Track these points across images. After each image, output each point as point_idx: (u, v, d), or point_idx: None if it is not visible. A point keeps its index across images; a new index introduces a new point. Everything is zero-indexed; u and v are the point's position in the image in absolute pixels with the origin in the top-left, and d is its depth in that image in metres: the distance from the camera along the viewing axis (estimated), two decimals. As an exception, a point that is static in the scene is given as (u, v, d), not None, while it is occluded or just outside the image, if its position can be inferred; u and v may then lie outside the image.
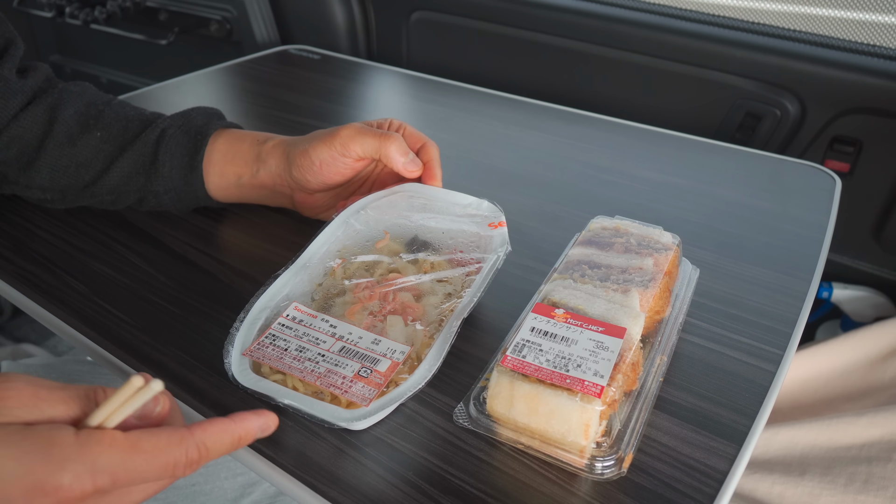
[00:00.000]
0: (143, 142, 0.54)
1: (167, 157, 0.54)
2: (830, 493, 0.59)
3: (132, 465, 0.27)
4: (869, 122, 0.83)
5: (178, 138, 0.54)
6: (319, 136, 0.52)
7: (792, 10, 0.89)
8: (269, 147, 0.54)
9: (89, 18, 1.33)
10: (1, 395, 0.26)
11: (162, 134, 0.54)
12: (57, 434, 0.26)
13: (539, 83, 1.05)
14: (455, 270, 0.48)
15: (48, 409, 0.27)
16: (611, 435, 0.36)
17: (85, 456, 0.26)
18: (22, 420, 0.26)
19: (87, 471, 0.26)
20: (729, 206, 0.64)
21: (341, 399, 0.39)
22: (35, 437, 0.25)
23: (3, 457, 0.25)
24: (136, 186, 0.55)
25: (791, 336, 0.47)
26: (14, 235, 0.58)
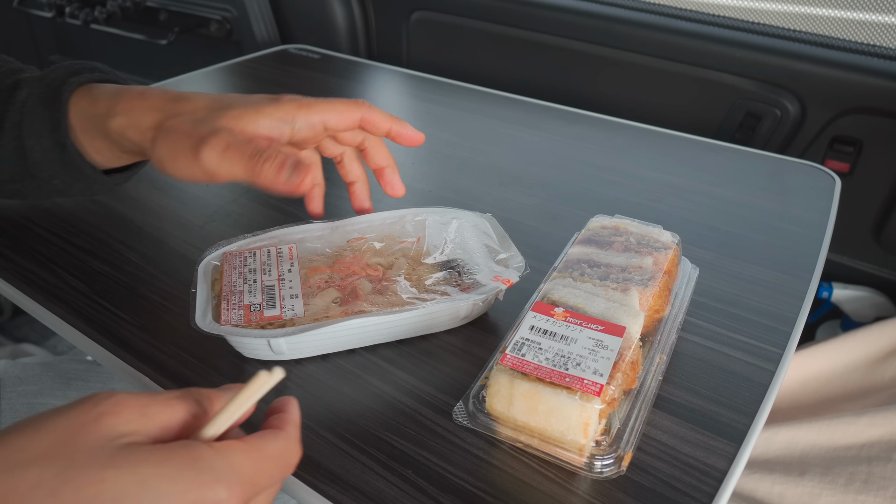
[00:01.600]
0: (10, 124, 0.47)
1: (34, 140, 0.46)
2: (830, 493, 0.59)
3: (265, 470, 0.27)
4: (869, 122, 0.83)
5: (38, 110, 0.46)
6: (180, 152, 0.41)
7: (792, 10, 0.89)
8: (114, 125, 0.44)
9: (89, 18, 1.33)
10: (111, 412, 0.25)
11: (22, 109, 0.46)
12: (196, 449, 0.25)
13: (539, 83, 1.05)
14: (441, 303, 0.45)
15: (157, 416, 0.26)
16: (610, 433, 0.36)
17: (232, 468, 0.25)
18: (139, 433, 0.26)
19: (238, 482, 0.25)
20: (729, 206, 0.64)
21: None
22: (178, 454, 0.25)
23: (155, 477, 0.24)
24: (24, 176, 0.48)
25: (791, 335, 0.47)
26: (13, 234, 0.58)
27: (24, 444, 0.24)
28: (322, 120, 0.43)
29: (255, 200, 0.64)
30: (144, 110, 0.44)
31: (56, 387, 0.61)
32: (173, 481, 0.24)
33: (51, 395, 0.60)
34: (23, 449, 0.24)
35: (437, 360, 0.45)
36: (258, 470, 0.26)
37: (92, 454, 0.24)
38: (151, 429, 0.26)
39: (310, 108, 0.42)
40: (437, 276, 0.47)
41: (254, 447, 0.27)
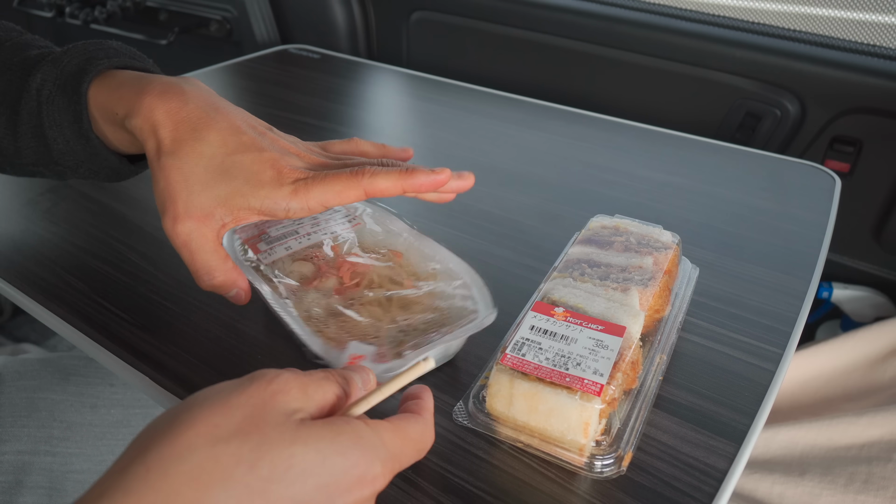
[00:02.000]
0: (27, 112, 0.45)
1: (56, 131, 0.45)
2: (830, 493, 0.59)
3: (407, 450, 0.30)
4: (869, 122, 0.83)
5: (57, 101, 0.44)
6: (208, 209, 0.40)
7: (792, 10, 0.89)
8: (137, 129, 0.42)
9: (89, 18, 1.33)
10: (282, 390, 0.28)
11: (38, 96, 0.44)
12: (358, 427, 0.28)
13: (539, 83, 1.05)
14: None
15: (314, 395, 0.29)
16: (610, 433, 0.36)
17: (385, 446, 0.29)
18: (304, 409, 0.28)
19: (389, 458, 0.29)
20: (729, 206, 0.64)
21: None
22: (345, 432, 0.28)
23: (332, 453, 0.27)
24: (49, 161, 0.47)
25: (791, 335, 0.47)
26: (13, 234, 0.58)
27: (217, 420, 0.26)
28: (321, 202, 0.40)
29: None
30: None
31: (55, 381, 0.61)
32: (345, 457, 0.27)
33: (50, 390, 0.60)
34: (218, 425, 0.26)
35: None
36: (402, 449, 0.30)
37: (279, 430, 0.26)
38: (311, 406, 0.29)
39: (307, 192, 0.39)
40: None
41: (399, 428, 0.30)
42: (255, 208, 0.40)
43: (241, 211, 0.40)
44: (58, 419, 0.58)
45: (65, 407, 0.59)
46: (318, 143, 0.47)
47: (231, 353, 0.45)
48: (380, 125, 0.82)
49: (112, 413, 0.61)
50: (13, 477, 0.55)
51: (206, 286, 0.41)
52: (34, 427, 0.57)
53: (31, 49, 0.47)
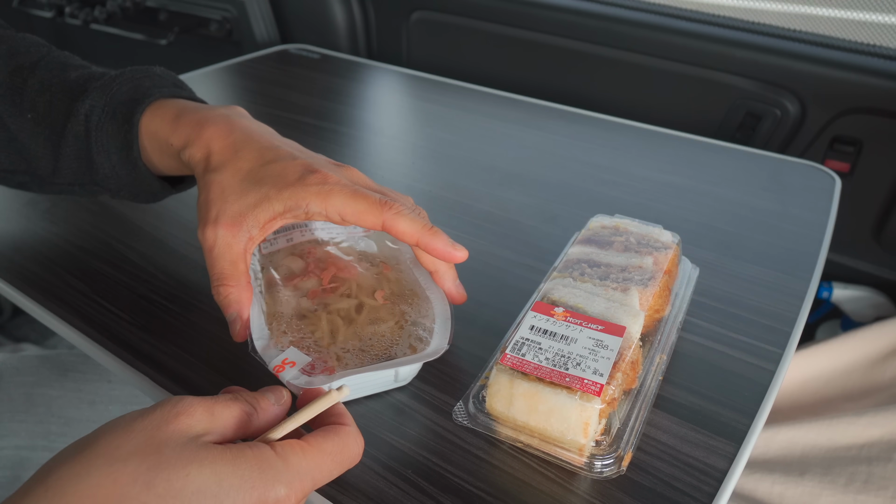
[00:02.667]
0: (73, 135, 0.46)
1: (103, 157, 0.46)
2: (830, 493, 0.59)
3: (324, 466, 0.30)
4: (869, 122, 0.83)
5: (106, 128, 0.46)
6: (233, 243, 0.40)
7: (792, 10, 0.89)
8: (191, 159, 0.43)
9: (89, 18, 1.33)
10: (186, 412, 0.28)
11: (87, 122, 0.46)
12: (261, 451, 0.29)
13: (539, 83, 1.05)
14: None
15: (220, 416, 0.30)
16: (610, 433, 0.36)
17: (290, 467, 0.29)
18: (210, 432, 0.29)
19: (295, 479, 0.29)
20: (729, 206, 0.64)
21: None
22: (246, 455, 0.28)
23: (229, 475, 0.27)
24: (89, 183, 0.49)
25: (791, 335, 0.47)
26: (14, 234, 0.58)
27: (119, 443, 0.27)
28: (338, 212, 0.40)
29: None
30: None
31: (53, 378, 0.61)
32: (243, 479, 0.27)
33: (48, 386, 0.60)
34: (119, 446, 0.27)
35: (437, 361, 0.45)
36: (317, 467, 0.30)
37: (177, 451, 0.27)
38: (218, 427, 0.29)
39: (329, 196, 0.39)
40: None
41: (312, 445, 0.30)
42: (278, 211, 0.40)
43: (268, 219, 0.40)
44: (56, 415, 0.58)
45: (63, 403, 0.59)
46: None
47: (230, 353, 0.45)
48: (380, 125, 0.82)
49: (110, 409, 0.61)
50: (11, 472, 0.55)
51: (214, 295, 0.41)
52: (32, 422, 0.57)
53: (69, 70, 0.48)
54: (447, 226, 0.60)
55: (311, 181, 0.39)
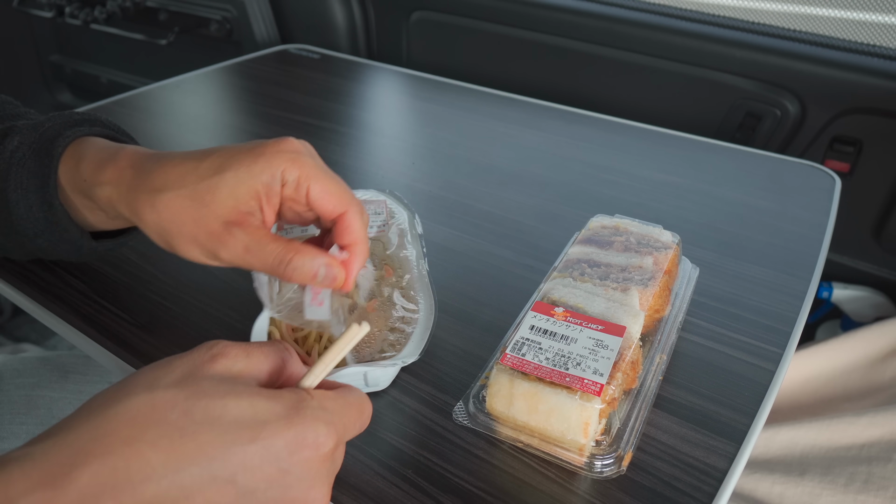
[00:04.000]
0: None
1: (20, 195, 0.42)
2: (830, 493, 0.59)
3: (352, 416, 0.30)
4: (869, 122, 0.83)
5: (28, 164, 0.42)
6: (181, 236, 0.37)
7: (792, 10, 0.89)
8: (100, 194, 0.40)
9: (89, 18, 1.33)
10: (223, 354, 0.29)
11: (11, 160, 0.42)
12: (299, 394, 0.29)
13: (539, 83, 1.05)
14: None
15: (258, 360, 0.30)
16: (610, 433, 0.36)
17: (327, 410, 0.29)
18: (246, 374, 0.29)
19: (333, 422, 0.29)
20: (729, 206, 0.64)
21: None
22: (285, 395, 0.28)
23: (265, 410, 0.27)
24: (8, 230, 0.44)
25: (791, 335, 0.47)
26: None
27: (159, 374, 0.28)
28: (310, 183, 0.37)
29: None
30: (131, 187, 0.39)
31: (53, 379, 0.61)
32: (279, 416, 0.27)
33: (48, 388, 0.60)
34: (159, 378, 0.28)
35: (437, 360, 0.45)
36: (347, 415, 0.30)
37: (215, 385, 0.27)
38: (253, 370, 0.30)
39: (302, 164, 0.37)
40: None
41: (341, 395, 0.30)
42: (260, 185, 0.37)
43: (252, 197, 0.37)
44: (56, 417, 0.58)
45: (63, 405, 0.59)
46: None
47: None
48: (380, 125, 0.82)
49: None
50: None
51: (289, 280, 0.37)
52: (33, 424, 0.57)
53: (17, 119, 0.46)
54: (447, 226, 0.60)
55: (283, 147, 0.37)
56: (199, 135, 0.79)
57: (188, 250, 0.38)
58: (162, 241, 0.38)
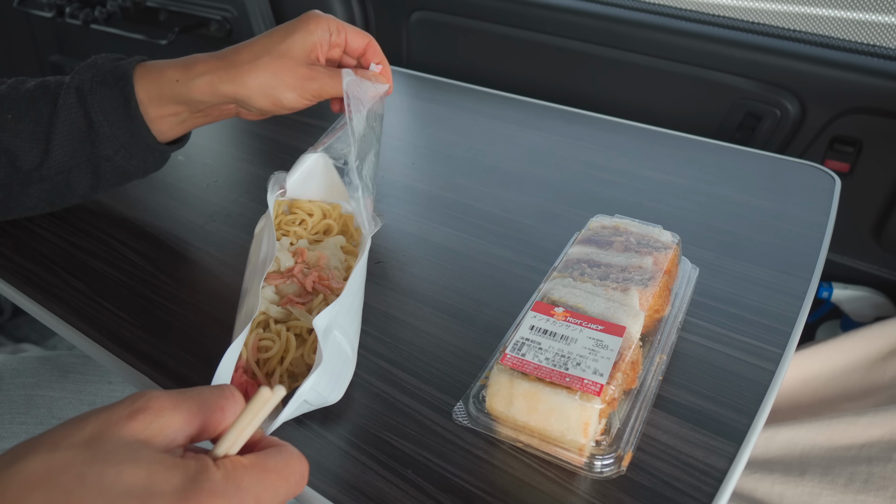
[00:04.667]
0: (66, 109, 0.50)
1: (101, 117, 0.50)
2: (830, 493, 0.59)
3: (269, 484, 0.29)
4: (869, 122, 0.83)
5: (100, 93, 0.50)
6: (285, 85, 0.50)
7: (792, 10, 0.89)
8: (201, 87, 0.50)
9: (89, 18, 1.33)
10: (145, 408, 0.28)
11: (79, 94, 0.50)
12: (202, 462, 0.28)
13: (539, 83, 1.05)
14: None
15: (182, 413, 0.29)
16: (610, 433, 0.36)
17: (230, 481, 0.28)
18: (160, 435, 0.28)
19: (236, 495, 0.27)
20: (729, 206, 0.64)
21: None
22: (187, 464, 0.27)
23: (162, 480, 0.26)
24: (84, 158, 0.51)
25: (791, 335, 0.47)
26: (13, 234, 0.58)
27: (68, 432, 0.27)
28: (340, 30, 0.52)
29: (254, 200, 0.64)
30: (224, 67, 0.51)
31: (53, 379, 0.61)
32: (174, 489, 0.26)
33: (48, 388, 0.60)
34: (67, 436, 0.27)
35: (437, 360, 0.45)
36: (260, 483, 0.28)
37: (117, 449, 0.27)
38: (174, 427, 0.28)
39: (335, 21, 0.52)
40: None
41: (256, 462, 0.29)
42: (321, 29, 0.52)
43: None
44: (56, 416, 0.58)
45: (63, 404, 0.59)
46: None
47: (231, 353, 0.45)
48: (380, 125, 0.82)
49: None
50: None
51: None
52: (32, 424, 0.57)
53: (32, 80, 0.53)
54: (447, 226, 0.60)
55: (319, 14, 0.52)
56: (198, 134, 0.79)
57: (288, 97, 0.51)
58: (265, 97, 0.50)
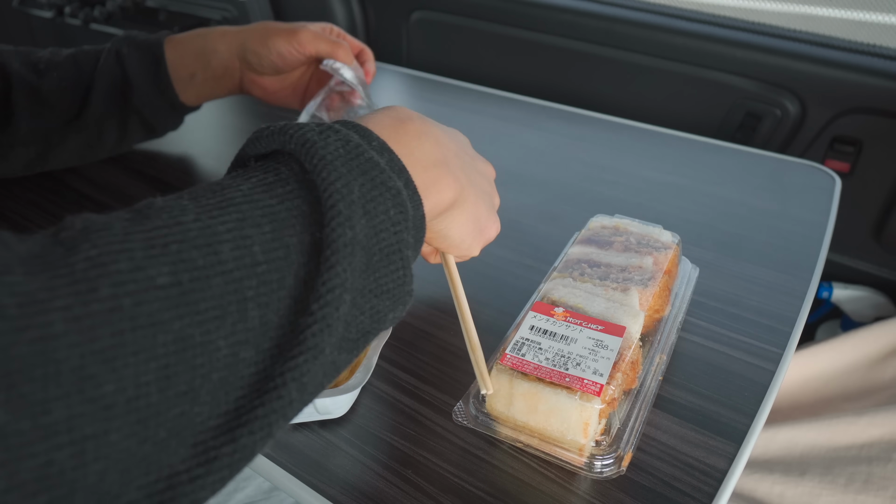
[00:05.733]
0: (106, 68, 0.60)
1: (136, 73, 0.61)
2: (830, 493, 0.59)
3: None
4: (869, 122, 0.83)
5: (136, 55, 0.61)
6: (278, 31, 0.61)
7: (792, 10, 0.89)
8: (216, 36, 0.62)
9: (89, 18, 1.33)
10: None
11: (118, 56, 0.61)
12: None
13: (539, 83, 1.05)
14: None
15: None
16: (610, 433, 0.36)
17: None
18: None
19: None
20: (729, 206, 0.64)
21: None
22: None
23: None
24: (117, 108, 0.61)
25: (791, 335, 0.47)
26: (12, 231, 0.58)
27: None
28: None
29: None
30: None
31: None
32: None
33: None
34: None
35: (437, 360, 0.45)
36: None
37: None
38: None
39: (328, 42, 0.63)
40: None
41: None
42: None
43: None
44: None
45: None
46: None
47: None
48: (380, 125, 0.81)
49: None
50: None
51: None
52: None
53: (71, 50, 0.62)
54: (447, 226, 0.60)
55: (323, 39, 0.63)
56: (198, 134, 0.79)
57: (277, 40, 0.60)
58: (261, 40, 0.61)
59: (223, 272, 0.22)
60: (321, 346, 0.24)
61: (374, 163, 0.28)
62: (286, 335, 0.24)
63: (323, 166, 0.26)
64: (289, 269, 0.24)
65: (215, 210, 0.23)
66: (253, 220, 0.24)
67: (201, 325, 0.21)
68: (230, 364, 0.22)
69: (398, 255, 0.28)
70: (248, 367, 0.23)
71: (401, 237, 0.28)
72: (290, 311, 0.24)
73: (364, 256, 0.26)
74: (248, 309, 0.22)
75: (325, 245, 0.25)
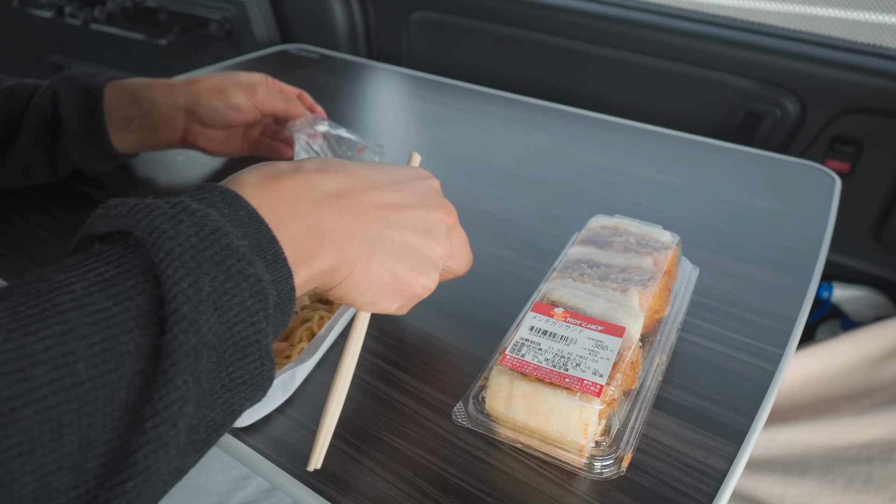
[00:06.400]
0: (39, 106, 0.58)
1: (69, 116, 0.59)
2: (830, 493, 0.59)
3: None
4: (869, 122, 0.83)
5: (73, 97, 0.59)
6: (236, 86, 0.61)
7: (792, 10, 0.89)
8: (160, 87, 0.61)
9: (89, 18, 1.33)
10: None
11: (55, 96, 0.59)
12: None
13: (539, 83, 1.05)
14: None
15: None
16: (610, 434, 0.36)
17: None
18: None
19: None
20: (729, 206, 0.64)
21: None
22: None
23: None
24: (44, 148, 0.59)
25: (791, 335, 0.47)
26: (12, 233, 0.58)
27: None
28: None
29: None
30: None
31: None
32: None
33: None
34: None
35: (437, 361, 0.45)
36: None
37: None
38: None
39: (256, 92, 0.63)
40: None
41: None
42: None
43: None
44: None
45: None
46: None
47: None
48: (380, 125, 0.82)
49: None
50: None
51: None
52: None
53: (14, 80, 0.61)
54: (447, 226, 0.60)
55: (279, 97, 0.64)
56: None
57: (237, 95, 0.61)
58: (216, 93, 0.61)
59: (34, 400, 0.20)
60: (154, 468, 0.22)
61: (232, 249, 0.25)
62: (115, 452, 0.21)
63: (169, 262, 0.23)
64: (121, 382, 0.22)
65: (34, 324, 0.21)
66: (80, 332, 0.21)
67: (3, 465, 0.19)
68: (38, 497, 0.19)
69: (255, 346, 0.26)
70: (63, 493, 0.20)
71: (258, 327, 0.26)
72: (122, 424, 0.22)
73: (213, 356, 0.24)
74: (65, 435, 0.20)
75: (165, 355, 0.22)
